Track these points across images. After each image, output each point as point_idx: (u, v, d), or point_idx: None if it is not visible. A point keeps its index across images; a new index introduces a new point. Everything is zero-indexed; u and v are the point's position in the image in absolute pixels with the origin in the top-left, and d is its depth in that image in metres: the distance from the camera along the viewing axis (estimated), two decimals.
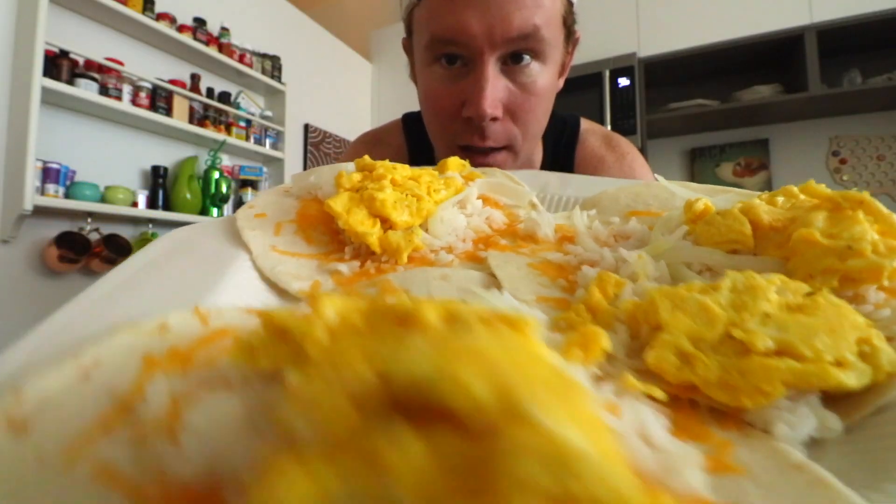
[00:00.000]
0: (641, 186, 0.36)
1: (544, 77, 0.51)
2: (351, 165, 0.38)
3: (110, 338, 0.17)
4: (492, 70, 0.48)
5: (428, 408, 0.09)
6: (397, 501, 0.08)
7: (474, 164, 0.52)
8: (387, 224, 0.31)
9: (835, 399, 0.16)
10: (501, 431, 0.09)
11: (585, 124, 0.69)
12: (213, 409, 0.14)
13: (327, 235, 0.33)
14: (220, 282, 0.27)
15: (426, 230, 0.32)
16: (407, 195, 0.32)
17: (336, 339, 0.12)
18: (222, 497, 0.11)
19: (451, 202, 0.34)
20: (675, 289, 0.20)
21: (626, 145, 0.68)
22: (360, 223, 0.30)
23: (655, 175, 0.37)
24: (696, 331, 0.18)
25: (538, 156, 0.66)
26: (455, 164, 0.40)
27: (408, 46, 0.59)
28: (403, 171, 0.35)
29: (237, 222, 0.33)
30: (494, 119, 0.50)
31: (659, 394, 0.16)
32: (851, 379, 0.16)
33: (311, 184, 0.37)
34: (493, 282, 0.26)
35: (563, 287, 0.26)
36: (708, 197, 0.28)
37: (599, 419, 0.11)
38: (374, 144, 0.74)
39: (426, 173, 0.35)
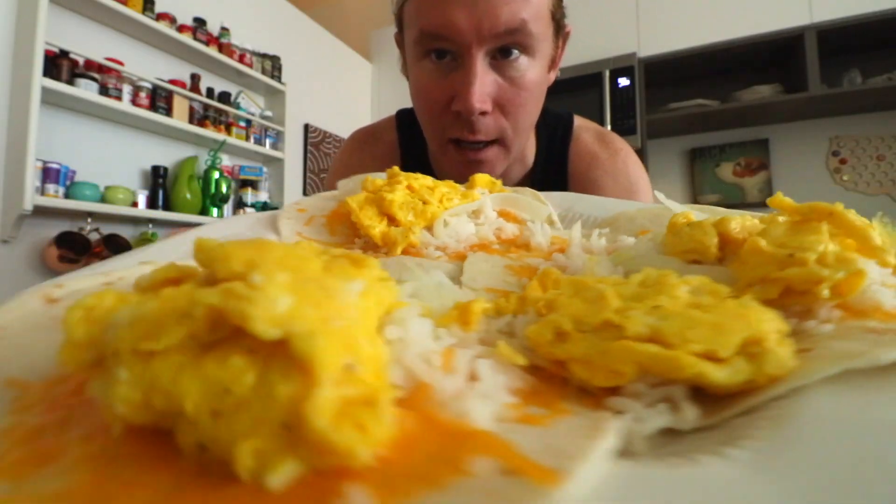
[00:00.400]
0: (661, 209, 0.36)
1: (533, 71, 0.51)
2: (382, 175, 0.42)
3: (136, 267, 0.25)
4: (480, 64, 0.49)
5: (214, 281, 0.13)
6: (148, 309, 0.12)
7: (466, 159, 0.54)
8: (394, 222, 0.34)
9: (715, 398, 0.16)
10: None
11: (579, 121, 0.69)
12: None
13: (349, 230, 0.37)
14: None
15: (431, 233, 0.34)
16: (416, 199, 0.35)
17: None
18: None
19: (462, 209, 0.36)
20: (584, 278, 0.21)
21: (620, 142, 0.68)
22: (369, 218, 0.34)
23: (655, 192, 0.37)
24: (582, 314, 0.18)
25: (531, 151, 0.66)
26: (483, 180, 0.42)
27: (399, 41, 0.59)
28: (425, 180, 0.38)
29: (279, 212, 0.39)
30: (484, 113, 0.51)
31: (520, 360, 0.17)
32: (718, 373, 0.15)
33: (350, 189, 0.42)
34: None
35: (524, 285, 0.26)
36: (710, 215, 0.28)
37: (341, 313, 0.13)
38: (367, 141, 0.74)
39: (446, 184, 0.39)
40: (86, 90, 1.55)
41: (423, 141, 0.63)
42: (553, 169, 0.66)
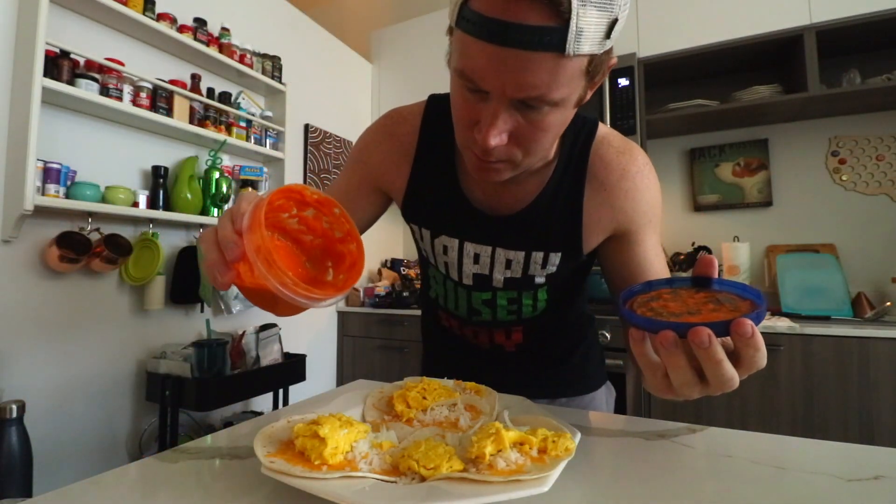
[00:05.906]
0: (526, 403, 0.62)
1: (556, 115, 0.52)
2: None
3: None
4: (503, 109, 0.50)
5: None
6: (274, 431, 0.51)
7: (478, 163, 0.58)
8: (409, 406, 0.60)
9: None
10: None
11: (603, 129, 0.70)
12: None
13: (389, 406, 0.63)
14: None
15: (424, 414, 0.59)
16: (420, 396, 0.59)
17: None
18: None
19: (444, 402, 0.59)
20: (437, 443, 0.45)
21: (643, 157, 0.68)
22: (400, 404, 0.59)
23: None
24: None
25: (551, 155, 0.68)
26: (470, 385, 0.66)
27: (449, 34, 0.58)
28: (430, 384, 0.62)
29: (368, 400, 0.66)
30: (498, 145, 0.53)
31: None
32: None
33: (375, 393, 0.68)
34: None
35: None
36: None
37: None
38: (395, 121, 0.77)
39: (443, 388, 0.62)
40: (86, 90, 1.55)
41: (450, 126, 0.64)
42: (572, 170, 0.68)
